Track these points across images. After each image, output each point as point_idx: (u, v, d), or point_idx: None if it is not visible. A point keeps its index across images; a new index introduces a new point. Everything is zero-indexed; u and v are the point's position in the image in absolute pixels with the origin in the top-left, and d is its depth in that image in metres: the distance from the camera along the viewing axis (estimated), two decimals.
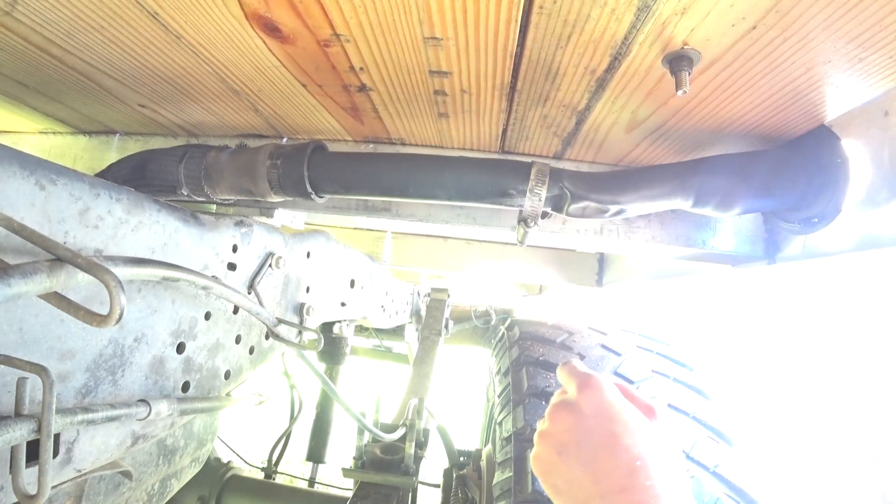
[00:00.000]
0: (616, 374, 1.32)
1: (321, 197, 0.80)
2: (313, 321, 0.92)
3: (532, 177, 0.68)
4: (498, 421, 1.37)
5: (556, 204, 0.71)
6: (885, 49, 0.49)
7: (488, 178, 0.71)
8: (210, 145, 0.84)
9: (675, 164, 0.69)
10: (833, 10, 0.45)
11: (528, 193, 0.68)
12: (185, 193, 0.84)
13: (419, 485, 1.41)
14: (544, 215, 0.71)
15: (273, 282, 0.79)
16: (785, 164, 0.65)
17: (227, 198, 0.84)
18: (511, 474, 1.08)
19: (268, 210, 0.93)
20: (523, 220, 0.70)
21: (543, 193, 0.67)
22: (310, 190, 0.76)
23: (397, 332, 2.95)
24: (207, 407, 0.62)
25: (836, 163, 0.61)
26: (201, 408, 0.60)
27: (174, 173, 0.82)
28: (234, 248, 0.69)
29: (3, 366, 0.37)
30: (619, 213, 0.69)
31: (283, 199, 0.82)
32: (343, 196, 0.83)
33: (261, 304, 0.73)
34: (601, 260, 1.72)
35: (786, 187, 0.65)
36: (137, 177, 0.86)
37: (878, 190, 0.60)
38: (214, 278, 0.56)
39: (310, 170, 0.75)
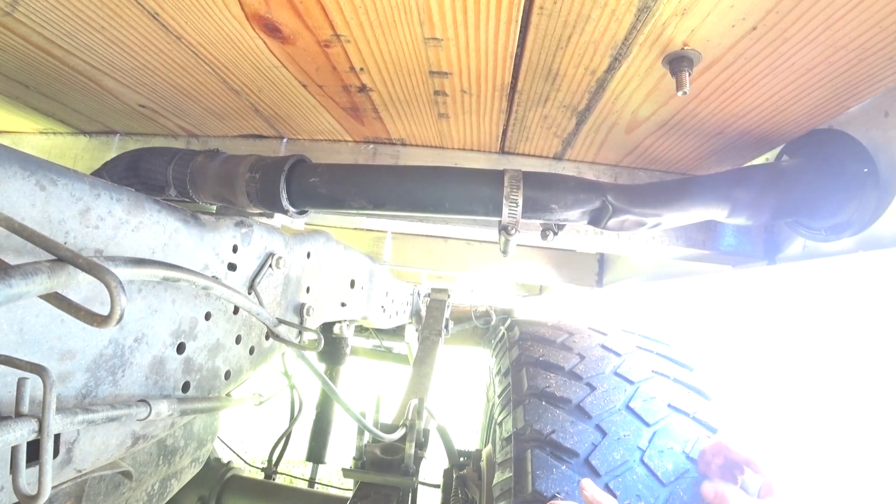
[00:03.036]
0: (616, 374, 1.32)
1: (302, 213, 0.78)
2: (313, 321, 0.92)
3: (506, 184, 0.66)
4: (498, 421, 1.37)
5: (596, 217, 0.69)
6: (884, 50, 0.49)
7: (463, 190, 0.68)
8: (197, 150, 0.84)
9: (712, 175, 0.68)
10: (833, 11, 0.45)
11: (504, 201, 0.66)
12: (173, 195, 0.84)
13: (419, 485, 1.41)
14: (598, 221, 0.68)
15: (273, 282, 0.79)
16: (813, 175, 0.65)
17: (211, 203, 0.84)
18: (511, 474, 1.08)
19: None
20: (504, 229, 0.68)
21: (519, 199, 0.66)
22: (286, 206, 0.74)
23: (397, 332, 2.96)
24: (207, 407, 0.62)
25: (864, 172, 0.61)
26: (201, 408, 0.60)
27: (163, 174, 0.82)
28: (235, 249, 0.69)
29: (3, 366, 0.37)
30: (656, 225, 0.69)
31: (262, 212, 0.81)
32: (322, 211, 0.80)
33: (261, 304, 0.73)
34: (601, 260, 1.72)
35: (815, 198, 0.65)
36: (132, 174, 0.86)
37: (882, 192, 0.60)
38: (215, 279, 0.56)
39: (288, 185, 0.73)
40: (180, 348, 0.60)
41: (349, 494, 1.51)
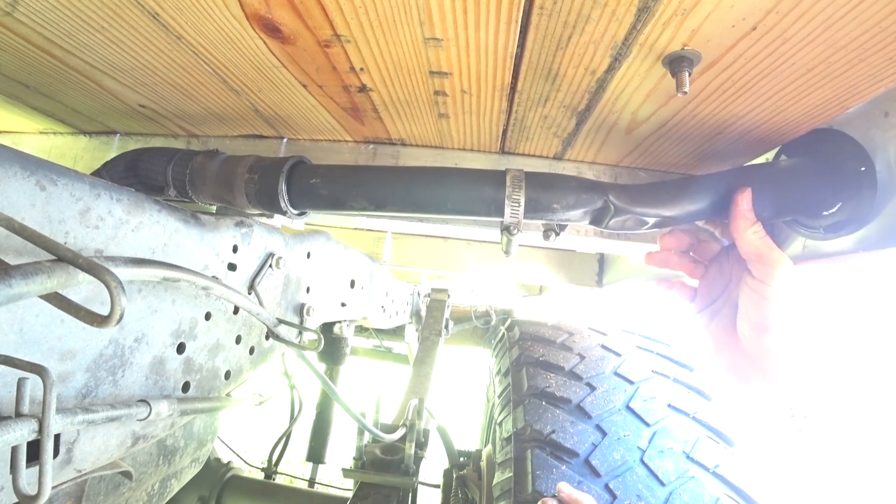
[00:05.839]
0: (616, 374, 1.33)
1: (301, 214, 0.78)
2: (313, 321, 0.92)
3: (508, 184, 0.67)
4: (498, 421, 1.37)
5: (597, 217, 0.69)
6: (884, 50, 0.49)
7: (465, 191, 0.69)
8: (196, 150, 0.84)
9: (712, 175, 0.69)
10: (833, 12, 0.45)
11: (506, 201, 0.66)
12: (173, 195, 0.84)
13: (419, 485, 1.41)
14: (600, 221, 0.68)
15: (273, 282, 0.79)
16: (811, 174, 0.66)
17: (211, 203, 0.84)
18: (511, 474, 1.08)
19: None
20: (506, 229, 0.68)
21: (522, 199, 0.66)
22: (285, 207, 0.74)
23: (397, 332, 2.96)
24: (208, 407, 0.62)
25: (861, 171, 0.61)
26: (201, 408, 0.60)
27: (162, 174, 0.82)
28: (235, 249, 0.69)
29: (3, 366, 0.37)
30: (657, 224, 0.69)
31: (261, 212, 0.81)
32: (323, 212, 0.80)
33: (261, 304, 0.74)
34: (601, 260, 1.72)
35: (813, 197, 0.65)
36: (131, 174, 0.86)
37: (879, 191, 0.60)
38: (215, 279, 0.57)
39: (288, 186, 0.73)
40: (180, 348, 0.60)
41: (349, 494, 1.51)
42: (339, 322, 1.70)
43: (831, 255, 0.68)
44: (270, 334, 0.79)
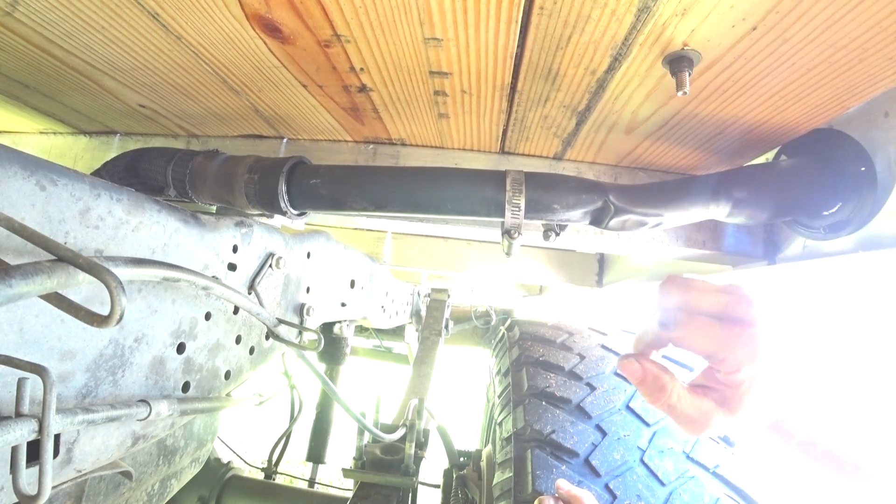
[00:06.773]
0: (616, 374, 1.33)
1: (301, 214, 0.78)
2: (313, 321, 0.92)
3: (508, 186, 0.66)
4: (498, 421, 1.37)
5: (597, 218, 0.69)
6: (884, 50, 0.49)
7: (465, 192, 0.68)
8: (196, 151, 0.84)
9: (712, 175, 0.69)
10: (833, 12, 0.45)
11: (506, 205, 0.66)
12: (172, 195, 0.84)
13: (419, 485, 1.41)
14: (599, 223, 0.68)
15: (273, 282, 0.79)
16: (812, 174, 0.66)
17: (211, 203, 0.84)
18: (511, 474, 1.08)
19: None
20: (507, 232, 0.68)
21: (522, 202, 0.66)
22: (285, 208, 0.74)
23: (397, 332, 2.96)
24: (208, 407, 0.62)
25: (861, 171, 0.61)
26: (201, 408, 0.60)
27: (162, 174, 0.82)
28: (235, 249, 0.69)
29: (3, 366, 0.37)
30: (657, 225, 0.69)
31: (261, 213, 0.81)
32: (322, 212, 0.80)
33: (261, 304, 0.73)
34: (601, 260, 1.72)
35: (813, 197, 0.65)
36: (131, 174, 0.86)
37: (879, 191, 0.60)
38: (215, 279, 0.56)
39: (288, 186, 0.73)
40: (180, 348, 0.60)
41: (349, 494, 1.51)
42: (339, 322, 1.70)
43: (831, 255, 0.68)
44: (270, 334, 0.79)
